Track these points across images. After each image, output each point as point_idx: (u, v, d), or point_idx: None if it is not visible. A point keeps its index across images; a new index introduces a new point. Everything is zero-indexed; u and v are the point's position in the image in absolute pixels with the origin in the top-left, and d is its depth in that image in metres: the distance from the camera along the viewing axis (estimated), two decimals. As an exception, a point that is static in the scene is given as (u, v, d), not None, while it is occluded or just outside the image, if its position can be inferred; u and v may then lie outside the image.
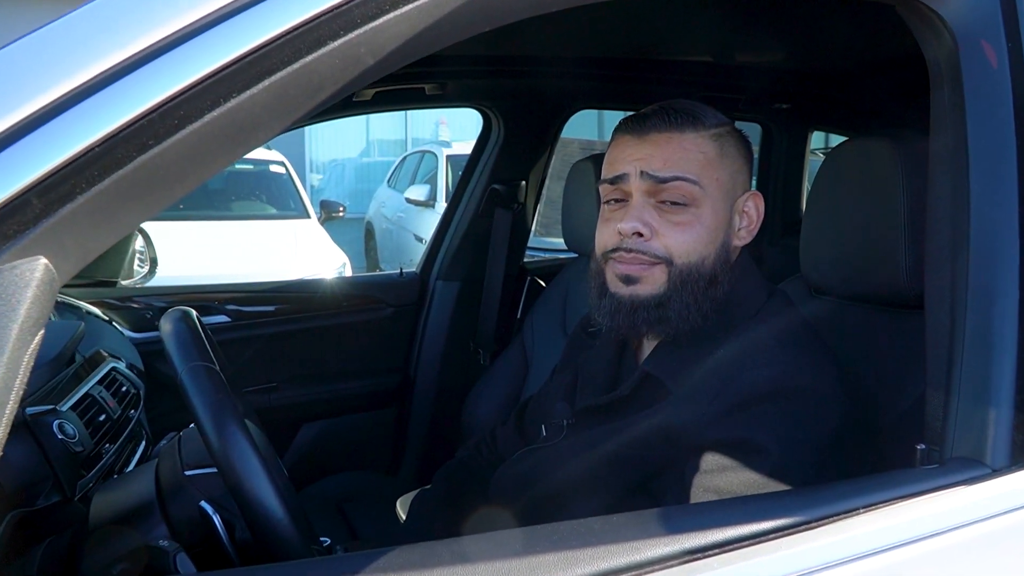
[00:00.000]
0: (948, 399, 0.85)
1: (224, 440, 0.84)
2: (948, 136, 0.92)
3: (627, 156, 1.07)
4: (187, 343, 0.97)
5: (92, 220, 0.57)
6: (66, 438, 1.21)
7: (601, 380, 1.19)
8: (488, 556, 0.63)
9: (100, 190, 0.56)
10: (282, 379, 2.29)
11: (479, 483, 1.33)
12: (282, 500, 0.85)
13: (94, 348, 1.63)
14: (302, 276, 4.54)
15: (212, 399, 0.87)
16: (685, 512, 0.77)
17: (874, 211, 1.12)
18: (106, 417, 1.40)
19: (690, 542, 0.65)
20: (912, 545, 0.70)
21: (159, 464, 1.05)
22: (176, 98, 0.57)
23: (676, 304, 1.05)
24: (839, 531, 0.69)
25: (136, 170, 0.57)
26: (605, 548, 0.64)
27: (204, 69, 0.58)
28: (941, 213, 0.92)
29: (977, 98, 0.90)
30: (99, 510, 1.01)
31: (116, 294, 2.19)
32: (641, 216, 1.05)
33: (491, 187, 2.41)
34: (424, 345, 2.49)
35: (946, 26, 0.92)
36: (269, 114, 0.62)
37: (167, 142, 0.57)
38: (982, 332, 0.84)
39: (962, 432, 0.82)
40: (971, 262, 0.86)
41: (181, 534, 0.93)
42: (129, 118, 0.56)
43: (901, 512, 0.73)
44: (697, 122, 1.07)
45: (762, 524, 0.68)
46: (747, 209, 1.10)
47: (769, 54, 2.23)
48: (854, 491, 0.74)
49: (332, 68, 0.63)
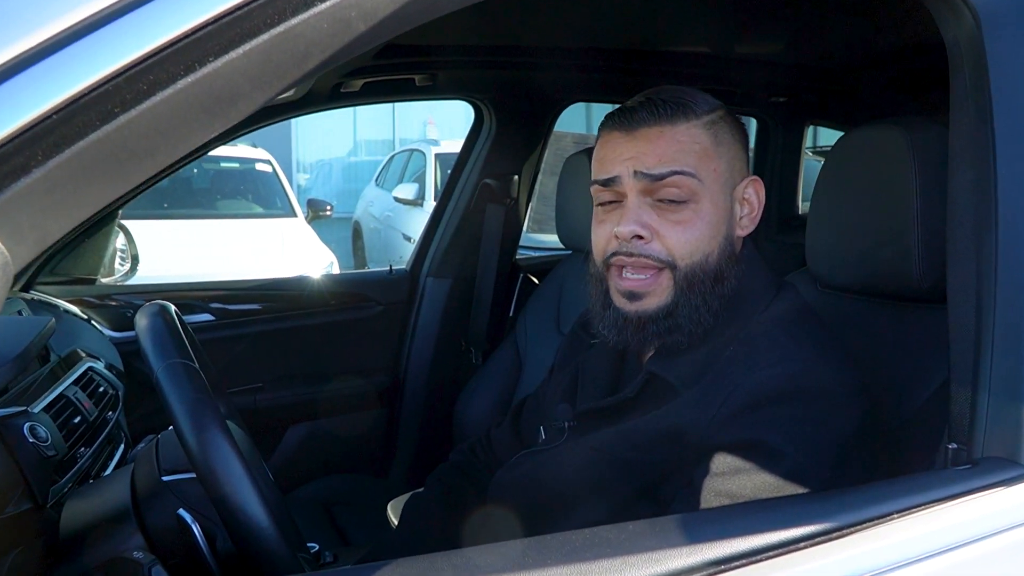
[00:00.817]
0: (976, 396, 0.81)
1: (203, 443, 0.78)
2: (970, 121, 0.88)
3: (618, 155, 1.02)
4: (164, 339, 0.91)
5: (50, 198, 0.51)
6: (38, 441, 1.14)
7: (603, 381, 1.14)
8: (494, 569, 0.57)
9: (58, 163, 0.49)
10: (268, 379, 2.25)
11: (474, 487, 1.29)
12: (266, 507, 0.79)
13: (70, 347, 1.57)
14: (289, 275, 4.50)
15: (190, 399, 0.81)
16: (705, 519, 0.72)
17: (885, 201, 1.08)
18: (81, 419, 1.34)
19: (713, 552, 0.60)
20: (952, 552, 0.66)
21: (135, 469, 0.99)
22: (144, 61, 0.51)
23: (685, 309, 1.00)
24: (874, 538, 0.64)
25: (100, 141, 0.51)
26: (622, 559, 0.59)
27: (177, 29, 0.52)
28: (963, 202, 0.89)
29: (1003, 79, 0.86)
30: (71, 518, 0.95)
31: (95, 292, 2.14)
32: (639, 218, 0.99)
33: (483, 182, 2.38)
34: (414, 344, 2.46)
35: (968, 4, 0.88)
36: (250, 83, 0.56)
37: (134, 110, 0.51)
38: (1013, 326, 0.80)
39: (994, 431, 0.79)
40: (999, 253, 0.83)
41: (158, 544, 0.87)
42: (91, 82, 0.50)
43: (938, 517, 0.68)
44: (688, 111, 1.01)
45: (791, 532, 0.63)
46: (748, 196, 1.05)
47: (768, 45, 2.21)
48: (886, 495, 0.69)
49: (320, 33, 0.58)
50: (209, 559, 0.85)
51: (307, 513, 1.90)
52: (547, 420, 1.16)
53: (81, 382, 1.45)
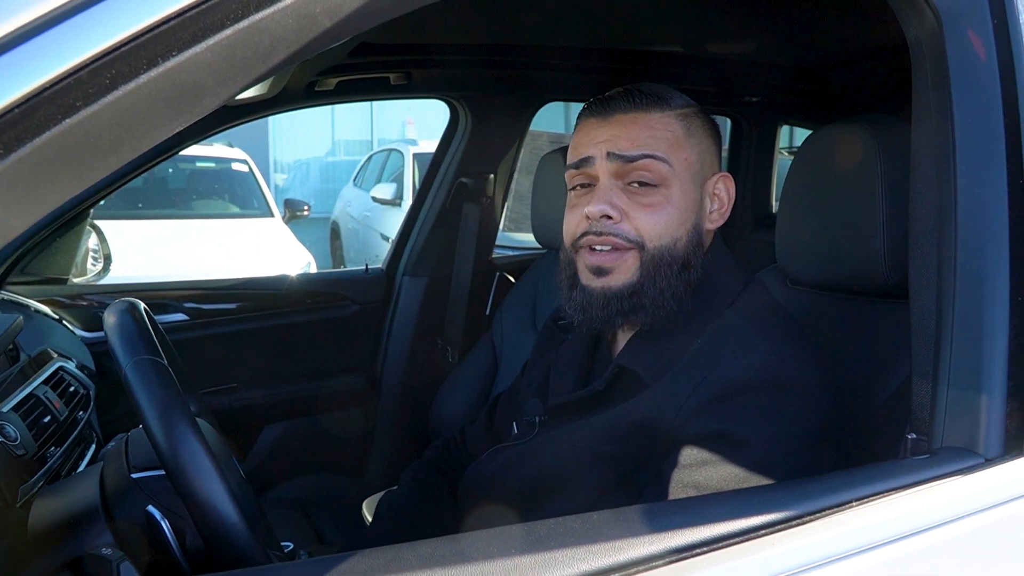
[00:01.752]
0: (936, 387, 0.83)
1: (172, 439, 0.78)
2: (931, 118, 0.90)
3: (592, 139, 1.04)
4: (132, 336, 0.90)
5: (12, 193, 0.51)
6: (6, 440, 1.14)
7: (574, 375, 1.15)
8: (458, 560, 0.58)
9: (19, 158, 0.49)
10: (243, 379, 2.25)
11: (448, 483, 1.30)
12: (236, 503, 0.79)
13: (41, 347, 1.56)
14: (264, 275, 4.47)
15: (159, 395, 0.81)
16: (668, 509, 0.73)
17: (852, 198, 1.10)
18: (51, 419, 1.33)
19: (676, 540, 0.61)
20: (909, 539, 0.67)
21: (104, 467, 0.99)
22: (108, 54, 0.51)
23: (650, 290, 1.01)
24: (832, 526, 0.65)
25: (62, 135, 0.51)
26: (585, 548, 0.60)
27: (140, 23, 0.52)
28: (925, 197, 0.90)
29: (962, 76, 0.88)
30: (39, 516, 0.95)
31: (67, 292, 2.12)
32: (609, 198, 1.01)
33: (459, 181, 2.38)
34: (391, 343, 2.46)
35: (929, 4, 0.90)
36: (215, 77, 0.56)
37: (97, 104, 0.51)
38: (971, 318, 0.82)
39: (952, 421, 0.80)
40: (958, 246, 0.84)
41: (127, 541, 0.86)
42: (53, 75, 0.50)
43: (895, 505, 0.70)
44: (663, 102, 1.04)
45: (751, 520, 0.64)
46: (718, 192, 1.08)
47: (741, 45, 2.23)
48: (845, 484, 0.70)
49: (285, 28, 0.58)
50: (178, 555, 0.85)
51: (283, 513, 1.89)
52: (520, 415, 1.17)
53: (51, 382, 1.44)
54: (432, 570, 0.57)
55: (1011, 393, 0.78)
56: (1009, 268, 0.81)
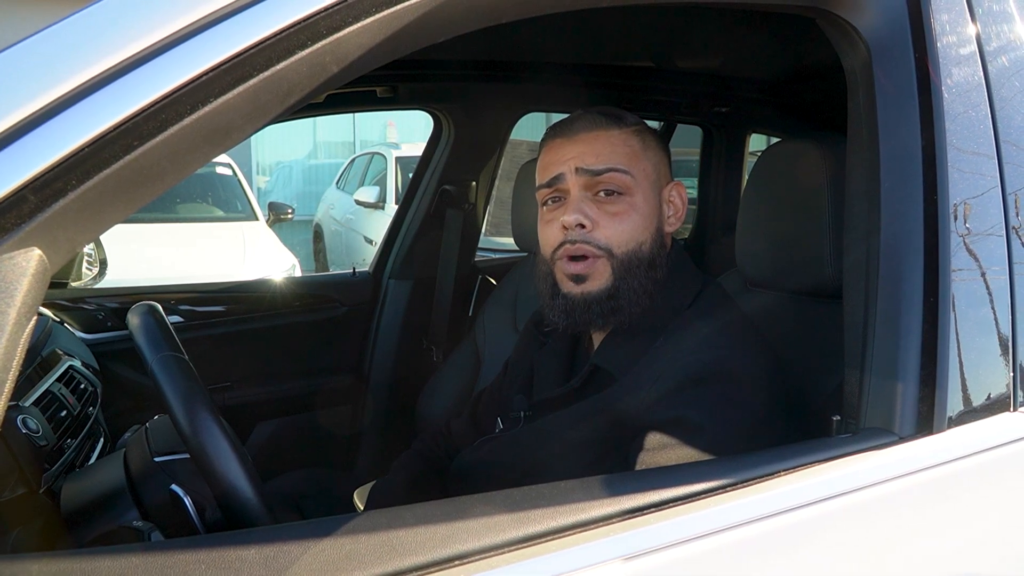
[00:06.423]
0: (863, 376, 0.93)
1: (196, 424, 0.89)
2: (862, 140, 1.00)
3: (560, 157, 1.16)
4: (156, 335, 1.01)
5: (81, 215, 0.61)
6: (30, 432, 1.23)
7: (556, 374, 1.25)
8: (449, 518, 0.69)
9: (89, 187, 0.60)
10: (236, 378, 2.31)
11: (436, 472, 1.38)
12: (252, 482, 0.90)
13: (51, 347, 1.65)
14: (252, 278, 4.51)
15: (183, 386, 0.92)
16: (626, 478, 0.84)
17: (802, 209, 1.20)
18: (67, 413, 1.42)
19: (630, 503, 0.73)
20: (827, 502, 0.79)
21: (127, 453, 1.09)
22: (159, 102, 0.62)
23: (625, 292, 1.12)
24: (762, 490, 0.77)
25: (121, 169, 0.62)
26: (554, 509, 0.71)
27: (185, 76, 0.63)
28: (857, 208, 1.00)
29: (887, 103, 0.98)
30: (70, 498, 1.05)
31: (67, 295, 2.19)
32: (581, 208, 1.12)
33: (442, 188, 2.45)
34: (378, 343, 2.53)
35: (861, 38, 1.00)
36: (242, 117, 0.67)
37: (150, 143, 0.62)
38: (891, 314, 0.92)
39: (874, 405, 0.91)
40: (881, 251, 0.94)
41: (153, 517, 0.97)
42: (117, 120, 0.61)
43: (818, 474, 0.81)
44: (620, 121, 1.17)
45: (694, 486, 0.76)
46: (672, 198, 1.20)
47: (706, 60, 2.33)
48: (776, 457, 0.82)
49: (300, 75, 0.69)
50: (200, 528, 0.96)
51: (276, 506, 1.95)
52: (505, 410, 1.27)
53: (64, 379, 1.53)
54: (426, 526, 0.68)
55: (923, 381, 0.89)
56: (923, 273, 0.92)
